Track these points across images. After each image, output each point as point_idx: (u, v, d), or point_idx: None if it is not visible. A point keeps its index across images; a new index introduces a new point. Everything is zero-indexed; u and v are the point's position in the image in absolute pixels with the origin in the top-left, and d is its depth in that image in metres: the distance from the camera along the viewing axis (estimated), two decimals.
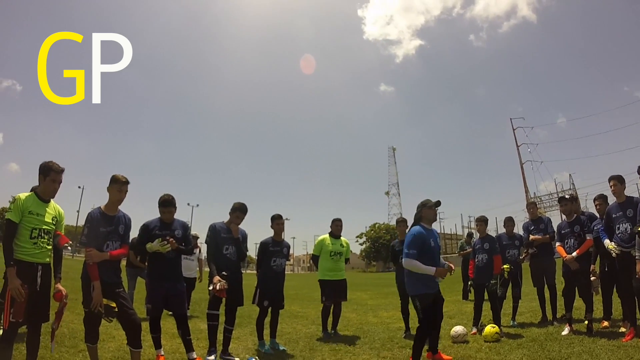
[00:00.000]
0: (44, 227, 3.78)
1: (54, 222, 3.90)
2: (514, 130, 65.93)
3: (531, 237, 7.19)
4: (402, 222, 7.20)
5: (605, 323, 6.14)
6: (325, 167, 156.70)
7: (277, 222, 6.08)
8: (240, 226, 5.42)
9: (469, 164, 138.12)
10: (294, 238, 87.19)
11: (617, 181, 5.56)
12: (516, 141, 65.82)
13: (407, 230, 5.33)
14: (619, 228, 5.48)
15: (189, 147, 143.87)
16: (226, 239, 5.30)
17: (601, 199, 6.28)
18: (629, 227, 5.33)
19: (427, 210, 4.74)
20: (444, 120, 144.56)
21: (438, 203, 4.74)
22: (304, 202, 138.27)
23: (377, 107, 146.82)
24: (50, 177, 3.83)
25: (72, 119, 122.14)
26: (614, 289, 6.15)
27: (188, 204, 61.34)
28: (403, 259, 4.58)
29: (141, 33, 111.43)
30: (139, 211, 7.87)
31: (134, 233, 4.66)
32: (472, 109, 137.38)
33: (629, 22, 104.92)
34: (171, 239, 4.62)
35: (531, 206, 8.09)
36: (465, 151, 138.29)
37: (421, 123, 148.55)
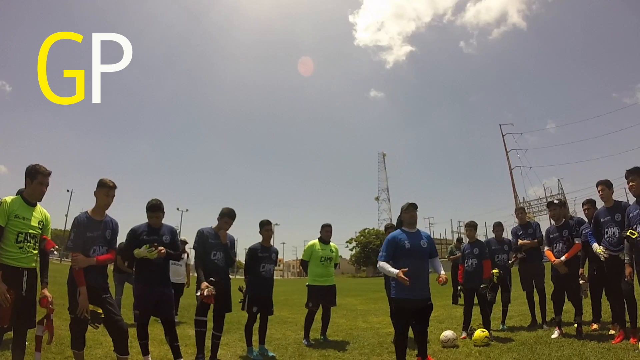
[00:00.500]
0: (30, 231, 3.73)
1: (41, 226, 3.85)
2: (503, 136, 66.41)
3: (520, 241, 7.25)
4: (390, 228, 7.17)
5: (595, 326, 6.19)
6: (315, 171, 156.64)
7: (266, 228, 6.05)
8: (228, 231, 5.39)
9: (458, 169, 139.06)
10: (283, 243, 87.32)
11: (605, 186, 5.62)
12: (505, 147, 66.30)
13: None
14: (607, 232, 5.53)
15: (188, 148, 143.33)
16: (214, 244, 5.26)
17: (589, 204, 6.33)
18: (617, 231, 5.37)
19: (404, 214, 4.82)
20: (433, 126, 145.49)
21: (412, 205, 4.77)
22: (294, 206, 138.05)
23: (368, 112, 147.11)
24: (37, 180, 3.78)
25: (69, 120, 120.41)
26: (603, 292, 6.20)
27: (177, 209, 61.07)
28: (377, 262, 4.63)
29: (141, 33, 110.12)
30: (137, 212, 7.74)
31: (122, 237, 4.61)
32: (462, 115, 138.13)
33: (617, 29, 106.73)
34: (161, 248, 4.54)
35: (520, 211, 8.18)
36: (455, 157, 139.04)
37: (411, 128, 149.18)
